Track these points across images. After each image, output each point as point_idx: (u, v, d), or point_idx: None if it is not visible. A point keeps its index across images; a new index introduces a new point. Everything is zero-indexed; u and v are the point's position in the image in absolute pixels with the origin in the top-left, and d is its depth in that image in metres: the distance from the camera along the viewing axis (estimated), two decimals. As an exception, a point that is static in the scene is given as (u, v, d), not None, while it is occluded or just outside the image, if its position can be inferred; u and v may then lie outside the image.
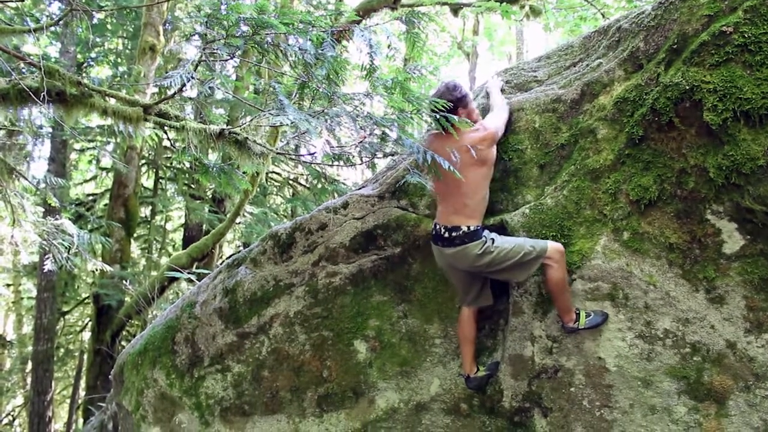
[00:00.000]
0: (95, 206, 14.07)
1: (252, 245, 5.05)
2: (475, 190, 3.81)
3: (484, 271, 3.81)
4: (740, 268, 3.49)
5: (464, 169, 3.72)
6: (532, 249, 3.68)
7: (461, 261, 3.80)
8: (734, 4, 3.43)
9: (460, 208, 3.80)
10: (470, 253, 3.72)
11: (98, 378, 10.76)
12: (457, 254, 3.78)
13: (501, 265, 3.71)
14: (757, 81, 3.30)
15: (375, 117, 3.49)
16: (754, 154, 3.31)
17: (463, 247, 3.74)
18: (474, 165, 3.77)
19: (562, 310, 3.75)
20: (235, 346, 4.75)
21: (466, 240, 3.74)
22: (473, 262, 3.74)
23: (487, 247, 3.71)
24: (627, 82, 3.83)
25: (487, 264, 3.72)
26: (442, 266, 4.05)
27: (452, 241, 3.78)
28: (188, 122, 4.19)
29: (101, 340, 10.91)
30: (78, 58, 12.83)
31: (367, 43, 3.51)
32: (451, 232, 3.78)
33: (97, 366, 10.90)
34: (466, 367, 4.04)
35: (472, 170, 3.77)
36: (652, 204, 3.66)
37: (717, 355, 3.52)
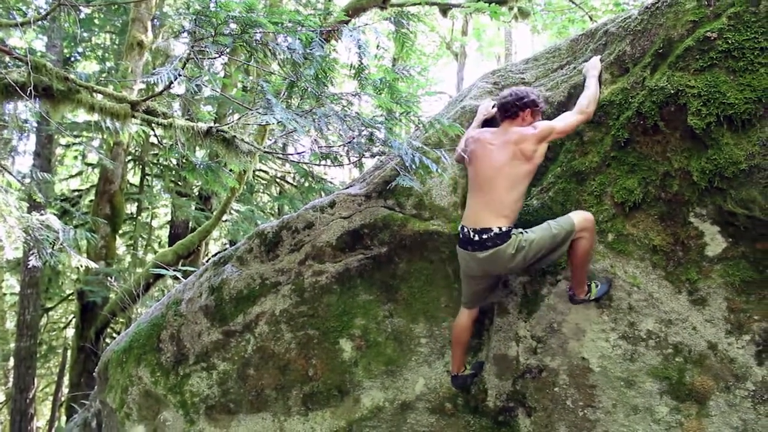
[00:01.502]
0: (81, 202, 13.96)
1: (238, 243, 5.04)
2: (513, 185, 3.58)
3: (516, 269, 3.66)
4: (722, 270, 3.54)
5: (505, 163, 3.59)
6: (559, 230, 3.53)
7: (495, 264, 3.58)
8: (718, 11, 3.48)
9: (492, 205, 3.59)
10: (504, 254, 3.51)
11: (82, 375, 10.68)
12: (490, 258, 3.55)
13: (534, 257, 3.55)
14: (740, 86, 3.34)
15: (363, 118, 3.50)
16: (737, 158, 3.35)
17: (495, 250, 3.52)
18: (516, 159, 3.59)
19: (579, 282, 3.68)
20: (221, 344, 4.74)
21: (498, 242, 3.52)
22: (508, 263, 3.55)
23: (519, 242, 3.51)
24: (613, 86, 3.87)
25: (521, 261, 3.54)
26: (468, 272, 3.79)
27: (483, 244, 3.56)
28: (175, 120, 4.18)
29: (85, 337, 10.83)
30: (65, 52, 12.73)
31: (356, 43, 3.52)
32: (481, 235, 3.56)
33: (80, 363, 10.82)
34: (454, 366, 4.04)
35: (513, 165, 3.59)
36: (637, 206, 3.71)
37: (698, 356, 3.56)
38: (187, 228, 13.03)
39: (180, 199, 12.67)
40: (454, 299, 4.24)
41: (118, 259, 12.86)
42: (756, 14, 3.35)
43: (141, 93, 9.62)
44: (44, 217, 5.75)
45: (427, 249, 4.29)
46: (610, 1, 10.02)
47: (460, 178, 4.33)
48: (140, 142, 12.25)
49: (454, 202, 4.32)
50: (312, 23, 3.70)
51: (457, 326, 3.96)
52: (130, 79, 8.76)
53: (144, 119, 4.44)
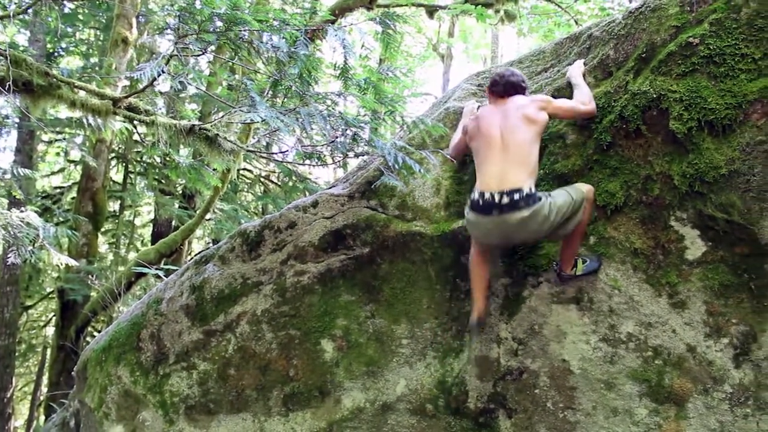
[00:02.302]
0: (62, 199, 13.82)
1: (220, 242, 5.01)
2: (530, 150, 3.55)
3: (541, 235, 3.54)
4: (701, 273, 3.57)
5: (517, 125, 3.58)
6: (576, 196, 3.52)
7: (525, 228, 3.43)
8: (700, 17, 3.52)
9: (518, 167, 3.48)
10: (539, 216, 3.37)
11: (61, 374, 10.57)
12: (524, 221, 3.39)
13: (558, 222, 3.46)
14: (721, 92, 3.38)
15: (347, 117, 3.49)
16: (717, 163, 3.39)
17: (531, 212, 3.36)
18: (524, 123, 3.59)
19: (568, 258, 3.65)
20: (201, 343, 4.71)
21: (530, 202, 3.37)
22: (540, 226, 3.41)
23: (550, 204, 3.40)
24: (597, 89, 3.89)
25: (548, 227, 3.43)
26: (485, 239, 3.67)
27: (515, 205, 3.37)
28: (158, 117, 4.15)
29: (65, 336, 10.72)
30: (48, 47, 12.60)
31: (341, 43, 3.52)
32: (511, 196, 3.37)
33: (60, 362, 10.71)
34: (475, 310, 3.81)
35: (524, 127, 3.59)
36: (619, 210, 3.73)
37: (677, 358, 3.59)
38: (170, 226, 12.94)
39: (163, 197, 12.59)
40: (435, 301, 4.24)
41: (100, 257, 12.74)
42: (737, 21, 3.38)
43: (125, 90, 9.55)
44: (24, 214, 5.68)
45: (410, 250, 4.29)
46: (595, 6, 10.10)
47: (444, 179, 4.33)
48: (124, 140, 12.16)
49: (437, 204, 4.33)
50: (297, 22, 3.69)
51: (471, 263, 3.85)
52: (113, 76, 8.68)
53: (126, 116, 4.40)
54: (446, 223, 4.26)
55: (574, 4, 9.92)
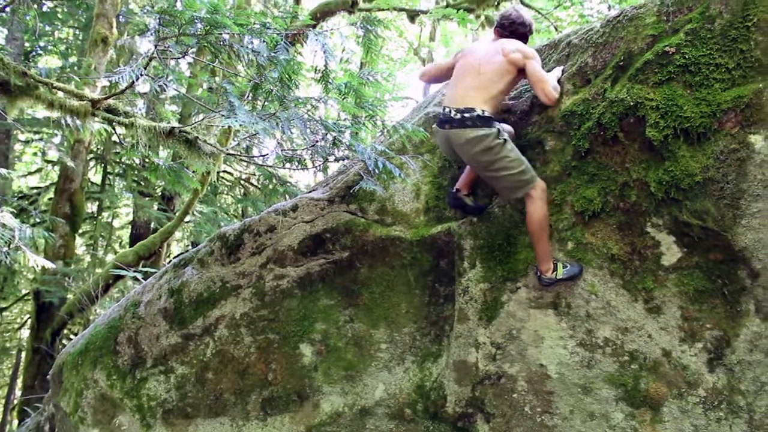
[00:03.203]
0: (39, 200, 13.65)
1: (199, 245, 4.99)
2: (496, 80, 3.77)
3: (479, 167, 3.74)
4: (677, 279, 3.61)
5: (492, 60, 3.81)
6: (526, 172, 3.67)
7: (467, 148, 3.66)
8: (676, 26, 3.57)
9: (478, 89, 3.72)
10: (482, 143, 3.59)
11: (36, 378, 10.43)
12: (468, 140, 3.63)
13: (498, 171, 3.66)
14: (696, 101, 3.43)
15: (327, 122, 3.49)
16: (692, 170, 3.44)
17: (475, 134, 3.60)
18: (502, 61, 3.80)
19: (542, 256, 3.72)
20: (179, 347, 4.68)
21: (478, 123, 3.60)
22: (480, 155, 3.63)
23: (498, 144, 3.59)
24: (575, 96, 3.93)
25: (487, 163, 3.64)
26: (447, 154, 4.00)
27: (463, 122, 3.63)
28: (137, 119, 4.12)
29: (41, 339, 10.58)
30: (26, 46, 12.45)
31: (322, 48, 3.52)
32: (464, 114, 3.63)
33: (35, 365, 10.56)
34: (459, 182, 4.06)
35: (498, 63, 3.80)
36: (596, 215, 3.76)
37: (653, 363, 3.63)
38: (148, 228, 12.83)
39: (142, 199, 12.48)
40: (414, 305, 4.25)
41: (77, 259, 12.58)
42: (711, 31, 3.44)
43: (104, 90, 9.46)
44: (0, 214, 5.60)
45: (389, 254, 4.30)
46: (575, 13, 10.20)
47: (423, 184, 4.35)
48: (102, 140, 12.04)
49: (416, 208, 4.34)
50: (278, 26, 3.68)
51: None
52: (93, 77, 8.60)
53: (105, 118, 4.36)
54: (426, 228, 4.27)
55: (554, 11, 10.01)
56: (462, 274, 4.07)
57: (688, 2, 3.62)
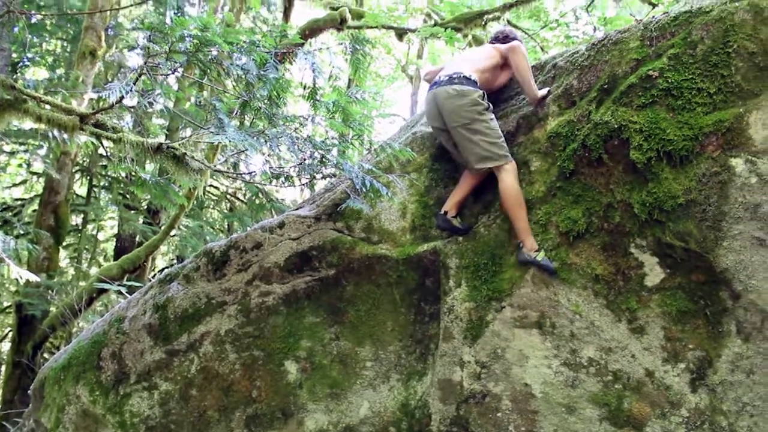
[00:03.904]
0: (23, 212, 13.53)
1: (185, 261, 4.97)
2: (484, 58, 4.25)
3: (459, 124, 3.94)
4: (660, 300, 3.65)
5: (481, 49, 4.39)
6: (503, 148, 3.92)
7: (450, 101, 3.95)
8: (659, 51, 3.64)
9: (467, 62, 4.15)
10: (465, 98, 3.91)
11: (16, 392, 10.27)
12: (451, 96, 3.95)
13: (475, 134, 3.90)
14: (679, 124, 3.49)
15: (314, 140, 3.51)
16: (675, 192, 3.49)
17: (461, 88, 3.94)
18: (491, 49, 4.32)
19: (522, 230, 3.84)
20: (164, 363, 4.65)
21: (464, 82, 3.96)
22: (461, 108, 3.91)
23: (481, 106, 3.91)
24: (560, 118, 3.98)
25: (468, 120, 3.90)
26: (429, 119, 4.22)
27: (451, 80, 4.00)
28: (125, 134, 4.12)
29: (22, 352, 10.43)
30: (13, 57, 12.39)
31: (311, 67, 3.55)
32: (452, 75, 4.02)
33: (15, 379, 10.41)
34: (446, 204, 4.16)
35: (486, 49, 4.36)
36: (580, 236, 3.80)
37: (636, 383, 3.65)
38: (133, 242, 12.74)
39: (128, 212, 12.41)
40: (400, 323, 4.26)
41: (60, 272, 12.46)
42: (693, 56, 3.51)
43: (91, 103, 9.44)
44: (-17, 227, 5.56)
45: (375, 273, 4.31)
46: (561, 33, 10.33)
47: (410, 203, 4.37)
48: (89, 153, 11.97)
49: (402, 227, 4.36)
50: (267, 44, 3.71)
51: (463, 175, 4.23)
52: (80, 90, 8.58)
53: (93, 132, 4.35)
54: (412, 246, 4.29)
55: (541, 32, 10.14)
56: (447, 293, 4.09)
57: (670, 28, 3.70)
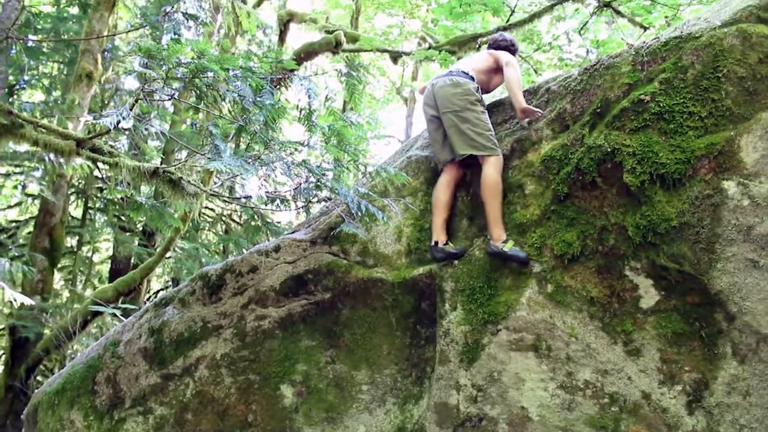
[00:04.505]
0: (18, 233, 13.49)
1: (181, 285, 4.97)
2: (481, 61, 4.61)
3: (452, 111, 4.19)
4: (655, 322, 3.65)
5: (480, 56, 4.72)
6: (491, 141, 4.11)
7: (445, 90, 4.26)
8: (651, 75, 3.69)
9: (465, 64, 4.55)
10: (460, 88, 4.22)
11: (8, 416, 10.17)
12: (447, 85, 4.27)
13: (465, 123, 4.12)
14: (671, 147, 3.53)
15: (310, 165, 3.54)
16: (668, 215, 3.51)
17: (457, 79, 4.27)
18: (486, 55, 4.68)
19: (494, 221, 3.96)
20: (159, 387, 4.63)
21: (462, 75, 4.31)
22: (455, 96, 4.20)
23: (474, 98, 4.21)
24: (554, 141, 4.02)
25: (460, 108, 4.16)
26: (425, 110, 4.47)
27: (450, 74, 4.35)
28: (122, 159, 4.14)
29: (14, 375, 10.34)
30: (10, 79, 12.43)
31: (306, 93, 3.58)
32: (451, 71, 4.40)
33: (7, 403, 10.31)
34: (434, 234, 4.17)
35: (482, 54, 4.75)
36: (575, 259, 3.82)
37: (633, 405, 3.64)
38: (129, 264, 12.71)
39: (123, 234, 12.39)
40: (396, 347, 4.25)
41: (55, 294, 12.41)
42: (684, 81, 3.56)
43: (87, 125, 9.47)
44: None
45: (371, 296, 4.31)
46: (554, 56, 10.44)
47: (405, 226, 4.39)
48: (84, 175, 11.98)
49: (398, 251, 4.38)
50: (263, 69, 3.74)
51: (435, 188, 4.32)
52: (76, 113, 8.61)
53: (89, 157, 4.38)
54: (407, 270, 4.30)
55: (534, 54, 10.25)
56: (443, 317, 4.09)
57: (661, 53, 3.75)
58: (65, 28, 11.54)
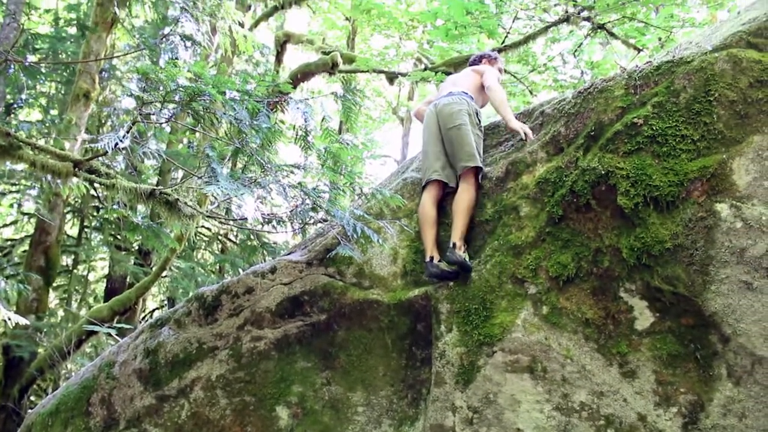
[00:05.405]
0: (13, 252, 13.45)
1: (177, 305, 4.97)
2: (471, 79, 4.89)
3: (453, 125, 4.40)
4: (650, 343, 3.66)
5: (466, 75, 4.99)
6: (480, 156, 4.33)
7: (446, 110, 4.49)
8: (644, 99, 3.73)
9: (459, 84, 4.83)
10: (458, 105, 4.47)
11: (1, 437, 10.08)
12: (449, 104, 4.52)
13: (463, 137, 4.33)
14: (665, 170, 3.56)
15: (306, 189, 3.56)
16: (662, 237, 3.54)
17: (459, 98, 4.53)
18: (472, 73, 4.97)
19: (461, 231, 4.12)
20: (154, 409, 4.60)
21: (461, 95, 4.57)
22: (457, 114, 4.42)
23: (470, 116, 4.45)
24: (548, 164, 4.05)
25: (461, 124, 4.37)
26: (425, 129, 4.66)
27: (451, 93, 4.62)
28: (119, 180, 4.16)
29: (7, 395, 10.26)
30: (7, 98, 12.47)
31: (302, 116, 3.61)
32: (452, 92, 4.65)
33: (0, 423, 10.23)
34: (428, 251, 4.25)
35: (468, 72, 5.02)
36: (570, 280, 3.83)
37: (629, 427, 3.63)
38: (124, 283, 12.66)
39: (119, 253, 12.36)
40: (391, 368, 4.25)
41: (50, 313, 12.34)
42: (676, 104, 3.60)
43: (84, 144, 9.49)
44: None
45: (366, 318, 4.32)
46: (549, 77, 10.53)
47: (401, 248, 4.40)
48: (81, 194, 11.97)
49: (394, 272, 4.39)
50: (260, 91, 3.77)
51: (420, 206, 4.42)
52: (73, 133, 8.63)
53: (86, 178, 4.39)
54: (403, 291, 4.31)
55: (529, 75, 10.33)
56: (439, 338, 4.10)
57: (653, 77, 3.80)
58: (63, 48, 11.60)
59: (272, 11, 12.00)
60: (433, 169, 4.43)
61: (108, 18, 9.55)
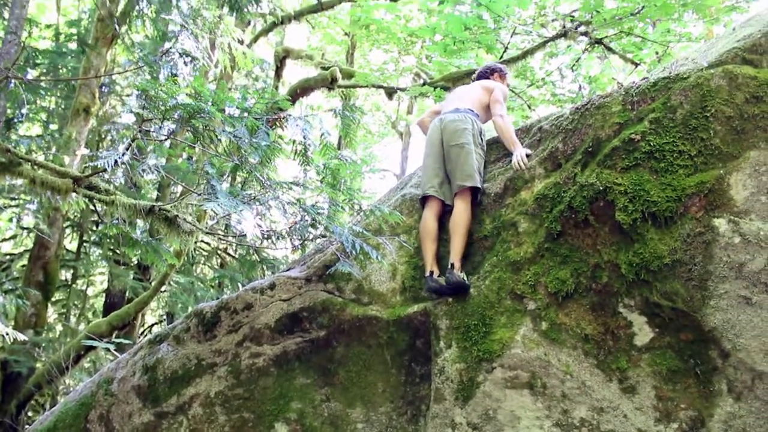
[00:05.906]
0: (12, 267, 13.42)
1: (176, 321, 4.96)
2: (478, 99, 4.85)
3: (457, 143, 4.43)
4: (650, 359, 3.65)
5: (471, 89, 5.01)
6: (479, 176, 4.34)
7: (451, 127, 4.51)
8: (641, 115, 3.75)
9: (465, 100, 4.80)
10: (464, 123, 4.50)
11: (-2, 454, 10.02)
12: (454, 120, 4.54)
13: (467, 155, 4.35)
14: (662, 186, 3.58)
15: (305, 205, 3.57)
16: (661, 252, 3.54)
17: (465, 116, 4.55)
18: (480, 89, 4.94)
19: (459, 252, 4.15)
20: (152, 426, 4.59)
21: (467, 113, 4.59)
22: (462, 132, 4.45)
23: (474, 136, 4.47)
24: (547, 180, 4.06)
25: (465, 142, 4.40)
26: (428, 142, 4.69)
27: (457, 110, 4.64)
28: (118, 197, 4.17)
29: (5, 411, 10.20)
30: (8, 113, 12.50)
31: (301, 133, 3.63)
32: (458, 108, 4.67)
33: (-3, 439, 10.17)
34: (428, 265, 4.26)
35: (476, 88, 4.98)
36: (569, 296, 3.83)
37: (629, 443, 3.63)
38: (123, 298, 12.63)
39: (118, 267, 12.34)
40: (391, 384, 4.24)
41: (48, 328, 12.31)
42: (673, 120, 3.62)
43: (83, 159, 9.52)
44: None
45: (365, 334, 4.31)
46: (547, 91, 10.58)
47: (400, 264, 4.41)
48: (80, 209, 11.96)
49: (393, 288, 4.39)
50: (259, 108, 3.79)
51: (421, 221, 4.43)
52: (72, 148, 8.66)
53: (86, 195, 4.40)
54: (402, 307, 4.31)
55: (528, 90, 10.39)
56: (438, 354, 4.09)
57: (650, 93, 3.82)
58: (64, 63, 11.65)
59: (271, 27, 12.08)
60: (431, 185, 4.45)
61: (108, 34, 9.61)
